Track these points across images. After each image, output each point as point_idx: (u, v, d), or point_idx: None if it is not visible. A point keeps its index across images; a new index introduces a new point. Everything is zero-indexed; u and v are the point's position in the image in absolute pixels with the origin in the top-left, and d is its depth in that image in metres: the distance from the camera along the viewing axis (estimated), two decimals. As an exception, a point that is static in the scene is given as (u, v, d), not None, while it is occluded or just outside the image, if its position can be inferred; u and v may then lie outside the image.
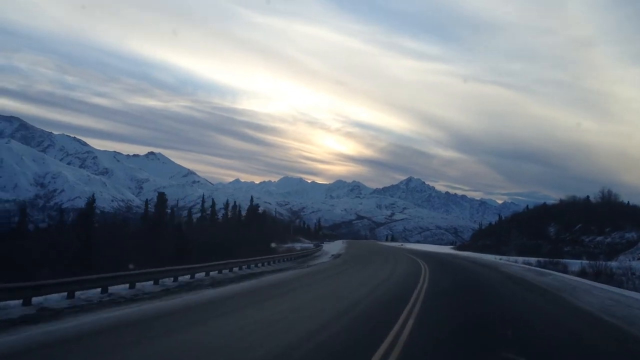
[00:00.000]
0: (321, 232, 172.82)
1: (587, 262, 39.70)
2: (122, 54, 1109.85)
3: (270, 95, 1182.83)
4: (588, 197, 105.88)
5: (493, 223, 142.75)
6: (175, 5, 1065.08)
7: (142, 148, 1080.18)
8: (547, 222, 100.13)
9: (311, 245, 77.86)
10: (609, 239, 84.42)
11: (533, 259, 48.44)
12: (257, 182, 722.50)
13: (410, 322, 10.56)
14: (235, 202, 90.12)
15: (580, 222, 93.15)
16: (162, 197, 50.53)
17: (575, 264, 40.27)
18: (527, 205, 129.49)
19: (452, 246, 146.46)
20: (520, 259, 50.39)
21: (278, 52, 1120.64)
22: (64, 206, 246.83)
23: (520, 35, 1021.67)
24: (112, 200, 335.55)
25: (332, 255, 48.16)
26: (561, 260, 46.45)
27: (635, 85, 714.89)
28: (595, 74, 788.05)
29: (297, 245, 74.69)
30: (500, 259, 49.91)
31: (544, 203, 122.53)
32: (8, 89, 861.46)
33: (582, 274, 31.88)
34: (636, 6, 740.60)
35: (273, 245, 55.13)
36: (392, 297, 15.61)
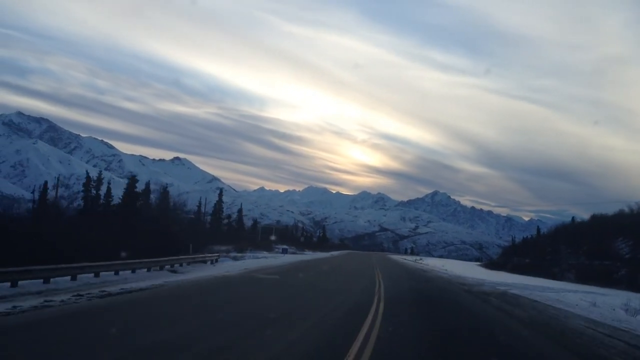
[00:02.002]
0: (314, 239, 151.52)
1: None
2: (153, 60, 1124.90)
3: (298, 104, 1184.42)
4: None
5: (529, 237, 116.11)
6: (206, 12, 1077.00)
7: (168, 153, 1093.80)
8: (613, 236, 72.50)
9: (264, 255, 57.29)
10: None
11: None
12: (281, 190, 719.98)
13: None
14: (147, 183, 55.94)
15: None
16: (133, 180, 45.93)
17: None
18: (573, 218, 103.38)
19: (478, 263, 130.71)
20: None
21: (307, 62, 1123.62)
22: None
23: (551, 51, 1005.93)
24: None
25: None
26: None
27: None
28: (627, 92, 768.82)
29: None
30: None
31: (600, 215, 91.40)
32: (40, 91, 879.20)
33: None
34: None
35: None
36: None
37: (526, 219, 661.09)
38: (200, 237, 45.56)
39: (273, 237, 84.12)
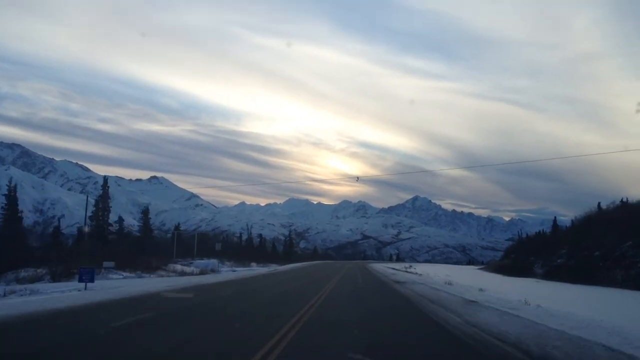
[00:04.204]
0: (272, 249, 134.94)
1: None
2: (127, 80, 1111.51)
3: (274, 117, 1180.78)
4: None
5: (542, 232, 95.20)
6: (178, 30, 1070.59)
7: (145, 173, 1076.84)
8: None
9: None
10: None
11: None
12: (262, 204, 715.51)
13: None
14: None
15: None
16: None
17: None
18: (599, 203, 69.31)
19: (478, 267, 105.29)
20: None
21: (281, 74, 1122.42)
22: (63, 231, 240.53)
23: (525, 52, 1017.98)
24: (110, 225, 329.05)
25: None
26: None
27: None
28: (600, 88, 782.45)
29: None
30: None
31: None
32: (12, 117, 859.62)
33: None
34: (639, 20, 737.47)
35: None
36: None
37: (507, 219, 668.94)
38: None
39: (218, 247, 71.34)
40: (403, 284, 32.08)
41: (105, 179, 71.24)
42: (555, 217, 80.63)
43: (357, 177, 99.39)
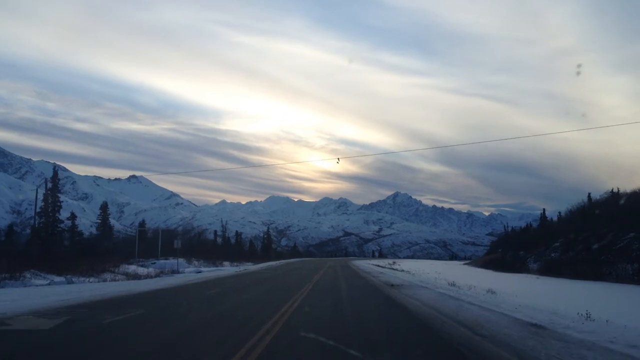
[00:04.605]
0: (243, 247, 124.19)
1: None
2: (104, 79, 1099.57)
3: (254, 115, 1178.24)
4: None
5: (529, 225, 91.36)
6: (155, 28, 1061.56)
7: (124, 172, 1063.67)
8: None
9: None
10: None
11: None
12: (243, 202, 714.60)
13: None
14: None
15: None
16: None
17: None
18: (590, 194, 67.97)
19: (463, 262, 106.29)
20: None
21: (259, 71, 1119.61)
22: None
23: (502, 48, 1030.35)
24: (91, 226, 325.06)
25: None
26: None
27: (617, 92, 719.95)
28: (577, 83, 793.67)
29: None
30: None
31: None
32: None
33: None
34: (615, 15, 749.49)
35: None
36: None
37: (487, 214, 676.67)
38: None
39: (177, 245, 49.93)
40: (399, 288, 24.30)
41: (55, 169, 64.49)
42: (544, 209, 78.01)
43: (338, 158, 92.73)
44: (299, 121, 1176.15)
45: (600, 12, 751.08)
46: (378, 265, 65.90)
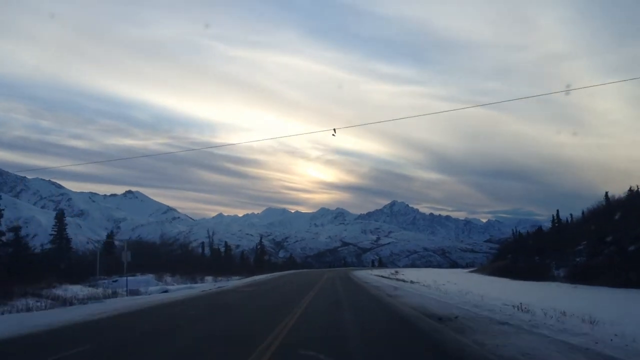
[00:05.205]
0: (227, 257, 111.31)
1: None
2: (98, 96, 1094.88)
3: (249, 127, 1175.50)
4: None
5: (540, 229, 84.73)
6: (149, 43, 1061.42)
7: (119, 187, 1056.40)
8: None
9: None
10: None
11: None
12: (240, 215, 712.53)
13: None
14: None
15: None
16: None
17: None
18: (607, 193, 64.71)
19: (468, 270, 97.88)
20: None
21: (253, 84, 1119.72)
22: (36, 251, 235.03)
23: (494, 54, 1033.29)
24: (87, 242, 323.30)
25: None
26: None
27: (610, 97, 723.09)
28: (569, 87, 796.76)
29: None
30: None
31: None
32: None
33: None
34: (605, 19, 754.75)
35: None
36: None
37: (484, 220, 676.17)
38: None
39: (128, 259, 36.29)
40: (464, 333, 11.79)
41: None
42: (557, 210, 72.88)
43: (334, 130, 66.25)
44: (294, 132, 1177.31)
45: (591, 16, 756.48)
46: (382, 276, 60.04)
